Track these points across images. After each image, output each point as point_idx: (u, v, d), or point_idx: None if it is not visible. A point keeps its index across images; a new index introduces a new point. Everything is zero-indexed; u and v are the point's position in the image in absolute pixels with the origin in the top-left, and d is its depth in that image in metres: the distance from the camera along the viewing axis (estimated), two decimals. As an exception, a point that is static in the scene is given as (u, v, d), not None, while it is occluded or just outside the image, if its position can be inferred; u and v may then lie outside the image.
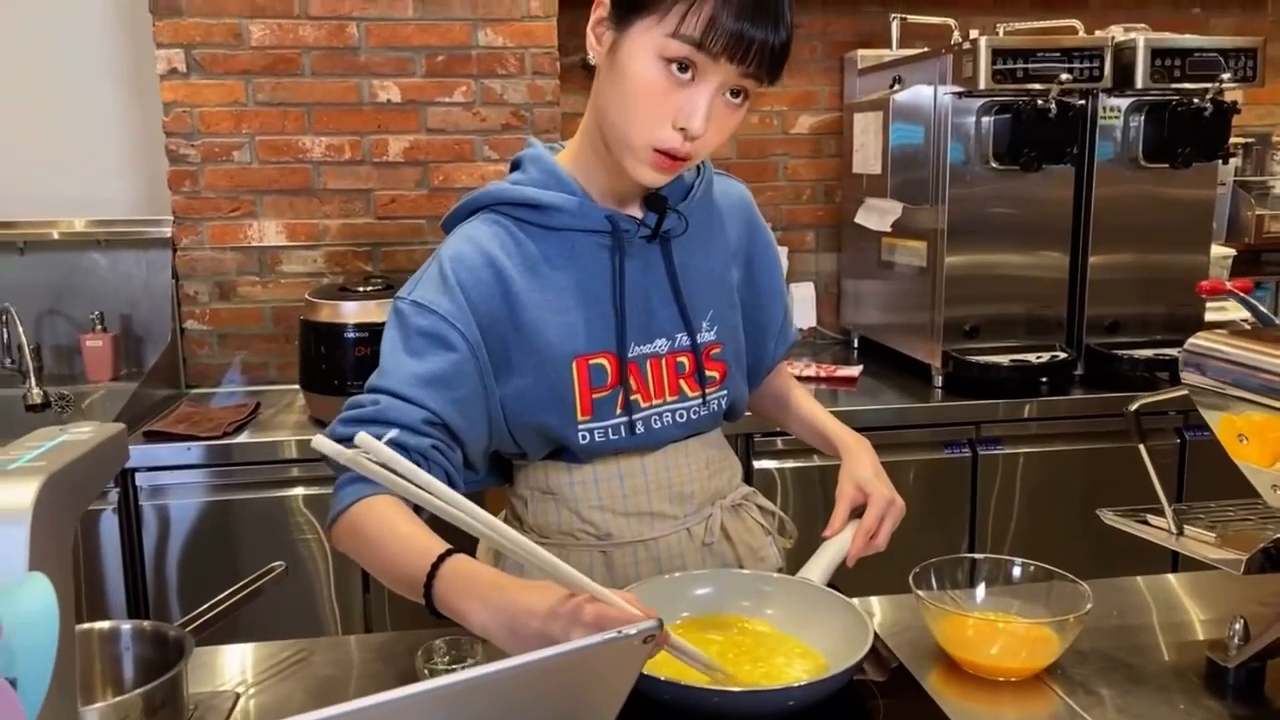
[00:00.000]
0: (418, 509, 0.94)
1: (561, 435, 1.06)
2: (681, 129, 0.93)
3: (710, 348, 1.13)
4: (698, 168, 1.13)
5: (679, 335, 1.10)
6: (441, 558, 0.85)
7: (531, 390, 1.04)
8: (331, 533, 0.98)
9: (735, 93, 0.95)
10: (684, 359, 1.11)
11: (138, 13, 2.30)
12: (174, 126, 2.24)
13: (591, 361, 1.05)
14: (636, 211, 1.08)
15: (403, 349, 1.00)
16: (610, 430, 1.07)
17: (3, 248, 2.35)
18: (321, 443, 0.64)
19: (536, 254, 1.05)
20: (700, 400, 1.12)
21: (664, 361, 1.09)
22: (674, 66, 0.92)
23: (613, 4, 0.95)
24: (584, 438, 1.06)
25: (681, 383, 1.11)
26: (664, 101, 0.93)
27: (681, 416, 1.12)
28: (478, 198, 1.08)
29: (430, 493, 0.73)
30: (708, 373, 1.12)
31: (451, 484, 0.98)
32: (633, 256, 1.07)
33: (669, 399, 1.10)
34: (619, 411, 1.07)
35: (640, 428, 1.08)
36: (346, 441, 0.81)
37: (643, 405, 1.08)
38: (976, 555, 1.05)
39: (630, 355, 1.07)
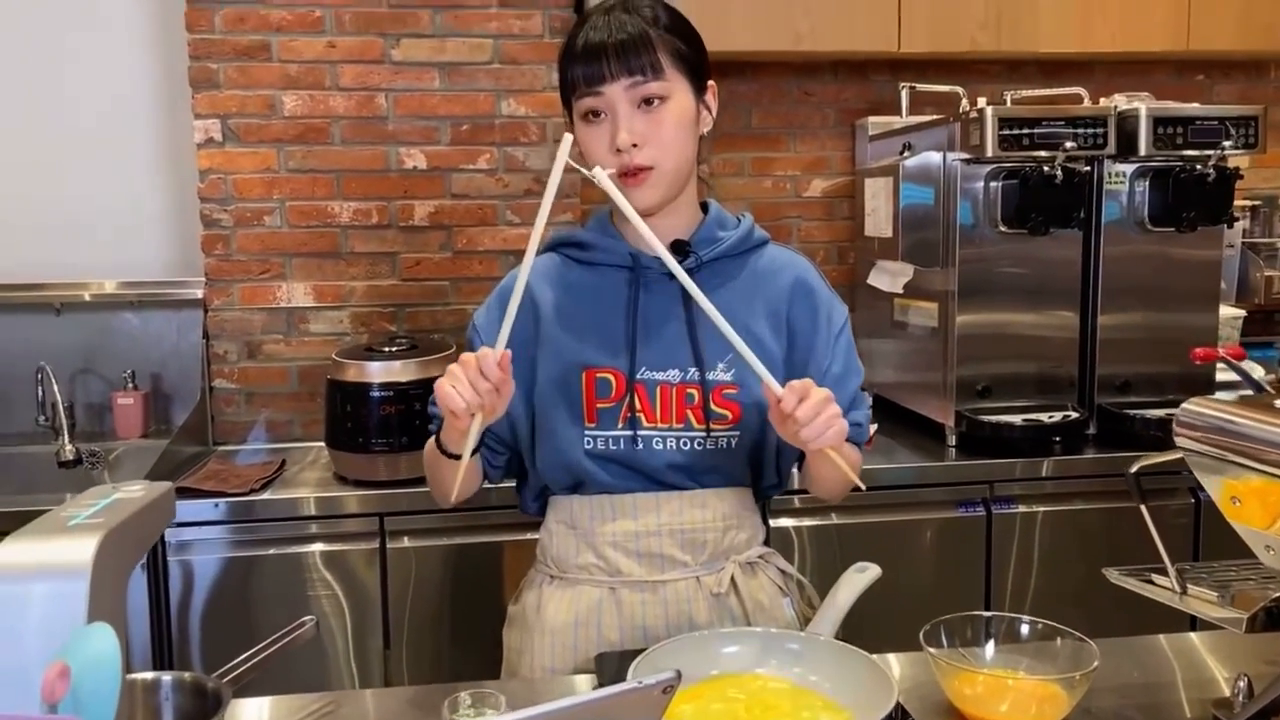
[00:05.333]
0: None
1: (570, 441, 1.18)
2: (619, 151, 1.13)
3: (723, 387, 1.19)
4: (735, 226, 1.25)
5: (691, 369, 1.19)
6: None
7: (548, 390, 1.19)
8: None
9: (647, 101, 1.14)
10: (693, 391, 1.19)
11: (176, 85, 2.41)
12: (208, 192, 2.33)
13: (598, 375, 1.18)
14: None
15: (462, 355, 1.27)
16: (612, 441, 1.18)
17: (39, 308, 2.43)
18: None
19: (573, 283, 1.23)
20: (705, 434, 1.19)
21: (674, 390, 1.19)
22: (589, 117, 1.16)
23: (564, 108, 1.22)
24: (589, 443, 1.18)
25: (689, 413, 1.19)
26: (600, 144, 1.15)
27: (685, 444, 1.19)
28: (549, 239, 1.28)
29: None
30: (715, 409, 1.18)
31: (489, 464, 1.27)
32: (655, 292, 1.21)
33: (675, 425, 1.19)
34: (621, 425, 1.18)
35: (641, 444, 1.18)
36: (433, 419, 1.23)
37: (646, 424, 1.19)
38: (987, 613, 1.07)
39: (639, 377, 1.18)
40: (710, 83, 1.23)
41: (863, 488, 1.13)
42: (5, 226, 2.49)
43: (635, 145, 1.14)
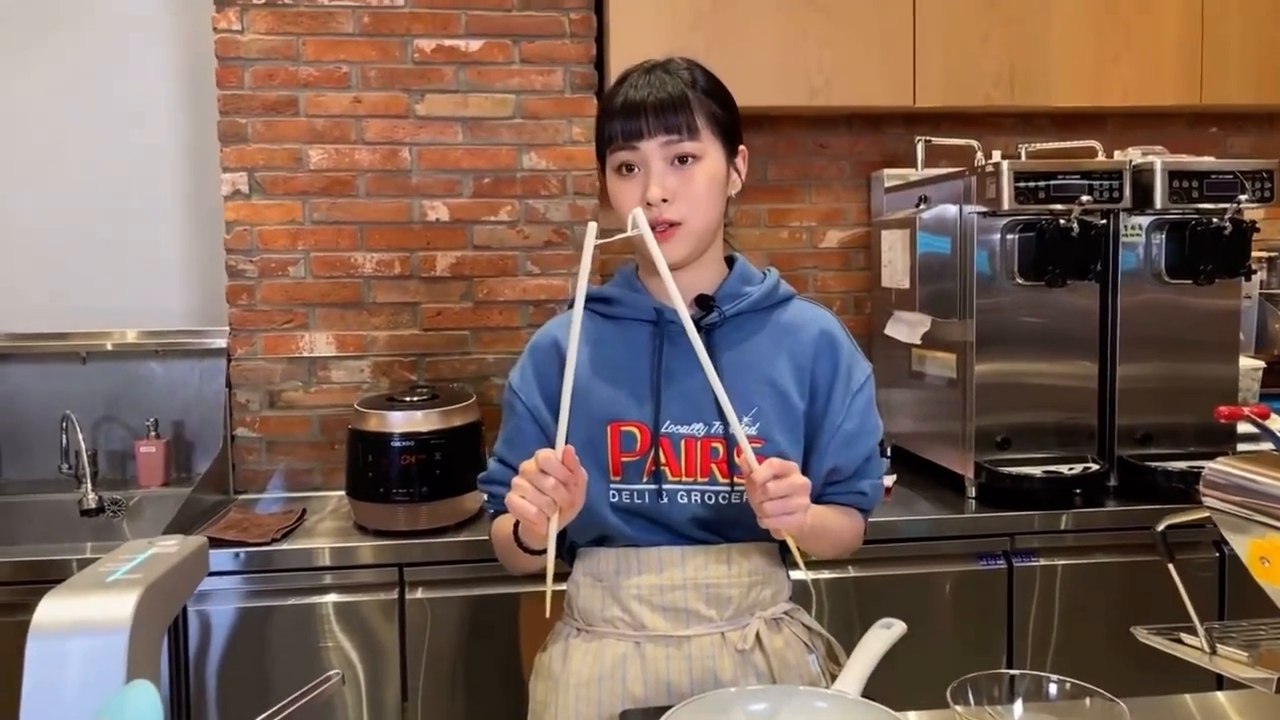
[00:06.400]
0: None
1: (595, 495, 1.18)
2: (649, 205, 1.16)
3: (748, 441, 1.18)
4: (760, 281, 1.26)
5: (715, 423, 1.20)
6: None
7: (574, 444, 1.16)
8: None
9: (681, 159, 1.18)
10: (718, 445, 1.20)
11: (204, 139, 2.46)
12: (234, 244, 2.37)
13: (623, 428, 1.20)
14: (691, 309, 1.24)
15: (503, 419, 1.31)
16: (636, 494, 1.20)
17: (65, 357, 2.47)
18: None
19: (599, 338, 1.25)
20: (729, 488, 1.19)
21: (699, 444, 1.20)
22: (622, 170, 1.20)
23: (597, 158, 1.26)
24: (614, 496, 1.20)
25: (713, 467, 1.20)
26: (631, 198, 1.18)
27: (710, 498, 1.20)
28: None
29: None
30: (739, 463, 1.18)
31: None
32: (680, 345, 1.20)
33: (699, 479, 1.20)
34: (645, 478, 1.20)
35: (665, 498, 1.20)
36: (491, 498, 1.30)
37: (671, 477, 1.20)
38: (1014, 671, 1.06)
39: (664, 431, 1.19)
40: (742, 147, 1.25)
41: (801, 566, 1.13)
42: (35, 274, 2.54)
43: (666, 200, 1.17)
